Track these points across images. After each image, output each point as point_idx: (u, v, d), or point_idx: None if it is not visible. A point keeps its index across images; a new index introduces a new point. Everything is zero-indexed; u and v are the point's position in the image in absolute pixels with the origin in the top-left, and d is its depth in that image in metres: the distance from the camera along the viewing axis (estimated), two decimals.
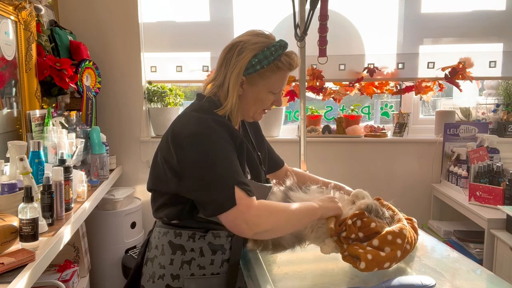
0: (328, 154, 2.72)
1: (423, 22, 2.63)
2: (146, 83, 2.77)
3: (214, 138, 1.10)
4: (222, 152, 1.09)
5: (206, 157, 1.08)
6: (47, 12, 2.36)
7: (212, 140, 1.10)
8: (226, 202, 1.04)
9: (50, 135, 1.81)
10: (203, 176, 1.08)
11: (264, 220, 1.06)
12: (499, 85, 2.74)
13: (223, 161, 1.08)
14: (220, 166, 1.07)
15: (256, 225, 1.05)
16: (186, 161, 1.10)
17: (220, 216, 1.06)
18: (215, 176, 1.06)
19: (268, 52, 1.17)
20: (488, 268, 1.87)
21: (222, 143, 1.11)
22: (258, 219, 1.05)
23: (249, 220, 1.04)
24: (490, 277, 1.09)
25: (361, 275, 1.03)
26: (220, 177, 1.06)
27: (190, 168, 1.10)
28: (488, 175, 2.19)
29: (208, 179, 1.07)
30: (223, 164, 1.08)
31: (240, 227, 1.04)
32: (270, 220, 1.07)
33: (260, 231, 1.06)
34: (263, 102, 1.25)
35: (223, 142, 1.11)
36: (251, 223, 1.04)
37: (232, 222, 1.05)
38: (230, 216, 1.04)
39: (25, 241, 1.18)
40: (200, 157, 1.08)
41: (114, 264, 2.48)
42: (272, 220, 1.07)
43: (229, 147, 1.12)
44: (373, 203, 1.13)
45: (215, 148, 1.09)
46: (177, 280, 1.20)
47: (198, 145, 1.09)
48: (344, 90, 2.72)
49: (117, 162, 2.67)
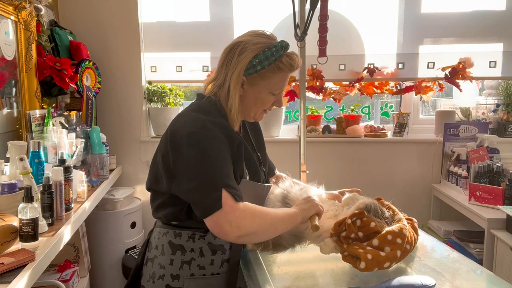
0: (328, 154, 2.72)
1: (423, 22, 2.63)
2: (146, 83, 2.76)
3: (209, 139, 1.10)
4: (215, 154, 1.09)
5: (198, 159, 1.07)
6: (47, 12, 2.36)
7: (206, 142, 1.10)
8: (213, 204, 1.03)
9: (50, 135, 1.81)
10: (193, 177, 1.07)
11: (248, 223, 1.05)
12: (499, 85, 2.74)
13: (215, 163, 1.08)
14: (211, 168, 1.07)
15: (240, 227, 1.03)
16: (180, 161, 1.11)
17: (206, 219, 1.05)
18: (205, 178, 1.06)
19: (269, 52, 1.17)
20: (488, 268, 1.87)
21: (217, 145, 1.11)
22: (242, 222, 1.04)
23: (232, 222, 1.03)
24: (490, 277, 1.09)
25: (361, 275, 1.03)
26: (209, 180, 1.06)
27: (183, 168, 1.10)
28: (488, 175, 2.19)
29: (198, 180, 1.07)
30: (215, 166, 1.07)
31: (223, 228, 1.03)
32: (255, 224, 1.06)
33: (243, 234, 1.04)
34: (264, 102, 1.25)
35: (218, 144, 1.11)
36: (235, 225, 1.03)
37: (216, 223, 1.03)
38: (215, 217, 1.03)
39: (25, 241, 1.18)
40: (193, 158, 1.08)
41: (114, 264, 2.48)
42: (256, 223, 1.06)
43: (224, 149, 1.12)
44: (372, 202, 1.13)
45: (208, 149, 1.09)
46: (177, 280, 1.20)
47: (193, 145, 1.09)
48: (344, 90, 2.72)
49: (117, 162, 2.67)
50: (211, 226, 1.05)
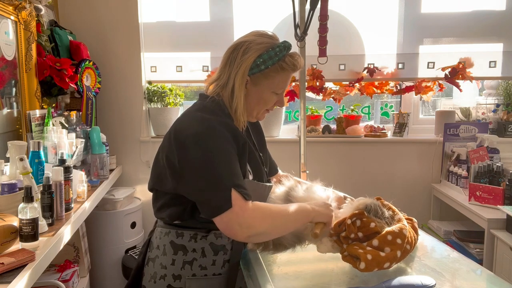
0: (328, 154, 2.72)
1: (423, 22, 2.63)
2: (146, 83, 2.76)
3: (216, 139, 1.10)
4: (223, 153, 1.09)
5: (206, 158, 1.07)
6: (47, 12, 2.36)
7: (214, 141, 1.10)
8: (223, 204, 1.03)
9: (50, 135, 1.81)
10: (202, 177, 1.07)
11: (258, 223, 1.05)
12: (499, 85, 2.74)
13: (223, 163, 1.08)
14: (219, 168, 1.07)
15: (250, 227, 1.04)
16: (186, 160, 1.10)
17: (215, 218, 1.05)
18: (213, 177, 1.06)
19: (273, 52, 1.18)
20: (488, 268, 1.87)
21: (224, 144, 1.11)
22: (253, 222, 1.04)
23: (243, 222, 1.03)
24: (490, 277, 1.09)
25: (361, 275, 1.03)
26: (218, 179, 1.06)
27: (190, 168, 1.10)
28: (488, 175, 2.19)
29: (207, 180, 1.07)
30: (223, 166, 1.07)
31: (234, 229, 1.03)
32: (264, 223, 1.06)
33: (253, 234, 1.05)
34: (267, 102, 1.25)
35: (225, 144, 1.11)
36: (245, 225, 1.03)
37: (226, 224, 1.04)
38: (225, 218, 1.03)
39: (25, 241, 1.18)
40: (200, 158, 1.08)
41: (114, 264, 2.48)
42: (266, 223, 1.07)
43: (231, 149, 1.12)
44: (372, 202, 1.12)
45: (216, 149, 1.09)
46: (179, 280, 1.20)
47: (200, 145, 1.09)
48: (344, 90, 2.72)
49: (117, 162, 2.67)
50: (221, 226, 1.05)
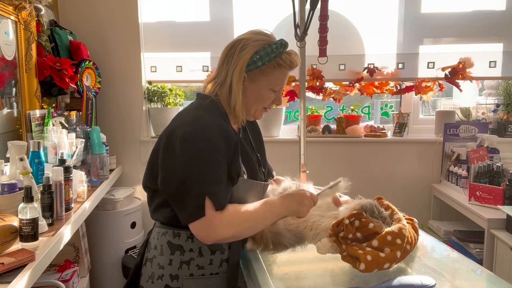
0: (328, 154, 2.72)
1: (423, 22, 2.63)
2: (146, 83, 2.76)
3: (204, 142, 1.12)
4: (206, 159, 1.11)
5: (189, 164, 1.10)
6: (47, 12, 2.36)
7: (200, 145, 1.11)
8: (197, 211, 1.09)
9: (50, 135, 1.81)
10: (181, 181, 1.10)
11: (225, 231, 1.10)
12: (499, 85, 2.74)
13: (204, 169, 1.10)
14: (200, 175, 1.10)
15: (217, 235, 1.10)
16: (170, 162, 1.13)
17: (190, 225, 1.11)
18: (192, 185, 1.10)
19: (270, 49, 1.19)
20: (488, 268, 1.87)
21: (210, 148, 1.12)
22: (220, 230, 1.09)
23: (210, 230, 1.09)
24: (490, 277, 1.09)
25: (361, 275, 1.03)
26: (196, 186, 1.09)
27: (171, 170, 1.13)
28: (488, 175, 2.19)
29: (185, 185, 1.10)
30: (204, 172, 1.10)
31: (201, 235, 1.11)
32: (231, 231, 1.11)
33: (220, 239, 1.11)
34: (264, 99, 1.26)
35: (212, 148, 1.12)
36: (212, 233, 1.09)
37: (197, 230, 1.11)
38: (197, 225, 1.10)
39: (25, 241, 1.18)
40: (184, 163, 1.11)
41: (114, 264, 2.48)
42: (233, 230, 1.11)
43: (217, 154, 1.12)
44: (368, 203, 1.12)
45: (201, 154, 1.11)
46: (176, 280, 1.21)
47: (186, 149, 1.11)
48: (344, 90, 2.72)
49: (117, 162, 2.67)
50: (193, 231, 1.12)
